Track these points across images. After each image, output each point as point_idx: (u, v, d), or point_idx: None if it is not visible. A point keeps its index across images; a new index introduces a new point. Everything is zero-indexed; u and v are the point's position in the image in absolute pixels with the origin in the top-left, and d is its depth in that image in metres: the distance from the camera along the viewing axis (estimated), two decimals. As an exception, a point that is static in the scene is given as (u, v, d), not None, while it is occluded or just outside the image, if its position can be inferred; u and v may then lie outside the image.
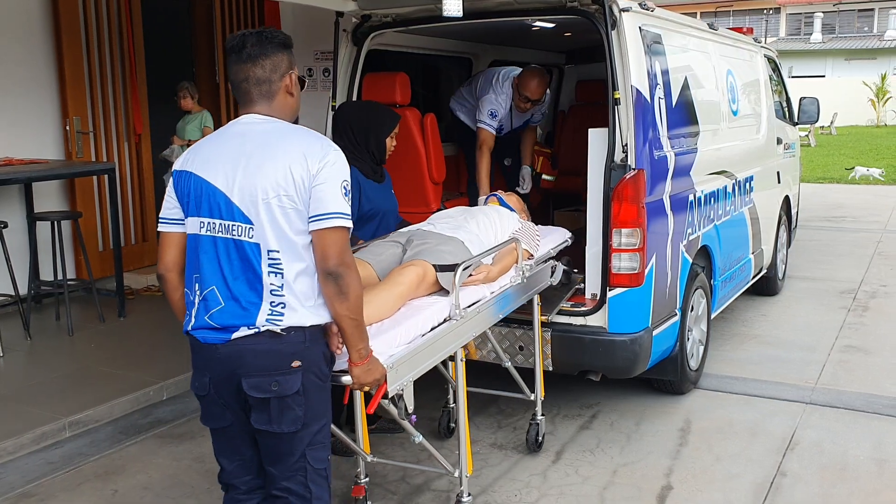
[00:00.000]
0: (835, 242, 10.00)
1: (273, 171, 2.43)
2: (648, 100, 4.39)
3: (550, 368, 4.47)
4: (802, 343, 6.13)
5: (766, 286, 7.30)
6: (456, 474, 3.52)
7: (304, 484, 2.58)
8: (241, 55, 2.57)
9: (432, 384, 4.00)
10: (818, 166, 18.45)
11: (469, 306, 3.45)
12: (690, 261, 4.96)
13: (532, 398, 4.32)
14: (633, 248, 4.27)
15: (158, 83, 8.76)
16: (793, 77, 31.96)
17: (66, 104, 7.15)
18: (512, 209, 4.46)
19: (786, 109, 7.92)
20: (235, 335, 2.47)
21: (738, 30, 6.88)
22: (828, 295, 7.51)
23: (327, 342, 2.60)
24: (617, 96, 4.22)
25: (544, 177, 6.59)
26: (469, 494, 3.54)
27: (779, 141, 7.28)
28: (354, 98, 5.10)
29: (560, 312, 4.45)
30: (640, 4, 4.49)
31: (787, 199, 7.64)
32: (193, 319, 2.56)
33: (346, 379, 2.65)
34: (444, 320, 3.26)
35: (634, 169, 4.25)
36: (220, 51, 8.67)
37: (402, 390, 2.93)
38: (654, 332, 4.48)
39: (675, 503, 3.85)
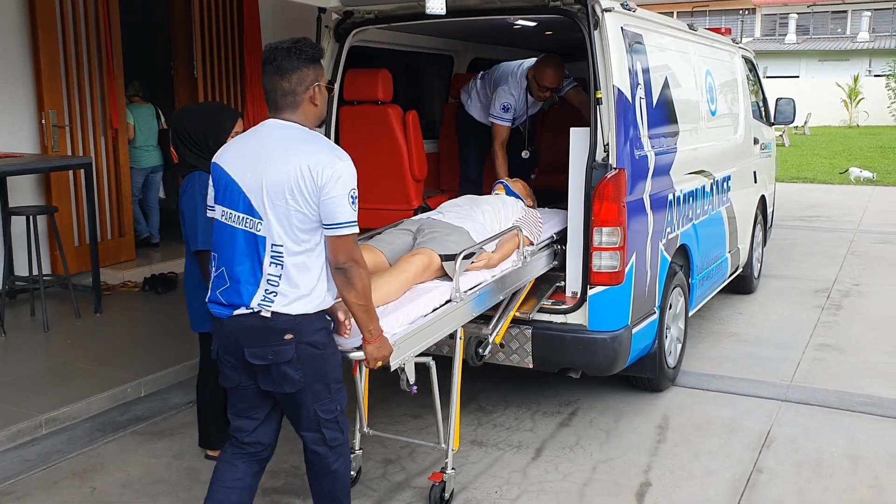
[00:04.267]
0: (809, 242, 10.13)
1: (284, 176, 2.75)
2: (630, 99, 4.43)
3: (531, 366, 4.50)
4: (778, 341, 6.21)
5: (742, 285, 7.39)
6: (443, 446, 3.79)
7: (319, 431, 3.02)
8: (271, 67, 2.88)
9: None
10: (792, 166, 18.66)
11: (470, 289, 3.82)
12: (669, 259, 5.01)
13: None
14: (614, 246, 4.30)
15: (136, 77, 8.70)
16: (767, 77, 32.27)
17: (41, 97, 7.06)
18: (518, 196, 4.87)
19: (762, 110, 8.00)
20: (236, 312, 2.85)
21: (717, 30, 6.95)
22: (802, 294, 7.61)
23: (334, 326, 2.99)
24: (599, 96, 4.24)
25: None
26: (453, 468, 3.79)
27: (756, 141, 7.37)
28: (336, 96, 5.08)
29: (541, 310, 4.48)
30: (621, 5, 4.51)
31: (763, 198, 7.73)
32: (209, 292, 2.96)
33: (357, 354, 3.01)
34: (446, 302, 3.64)
35: (615, 168, 4.28)
36: (198, 45, 8.60)
37: (405, 364, 3.31)
38: (634, 330, 4.52)
39: (653, 499, 3.89)
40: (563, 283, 4.59)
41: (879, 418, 4.80)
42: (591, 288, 4.35)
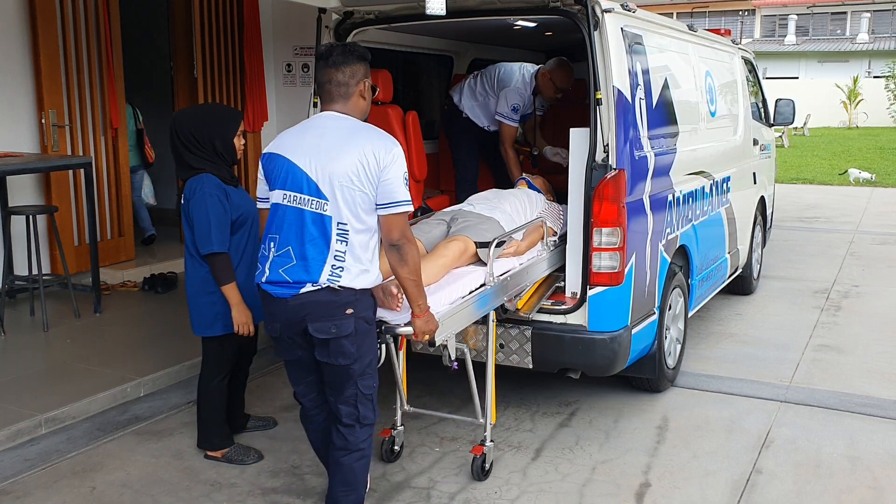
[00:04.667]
0: (808, 242, 10.14)
1: (348, 161, 3.07)
2: (629, 100, 4.43)
3: (530, 366, 4.50)
4: (777, 342, 6.21)
5: (741, 285, 7.39)
6: (481, 421, 4.06)
7: (354, 405, 3.26)
8: (327, 61, 3.22)
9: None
10: (792, 167, 18.67)
11: (501, 275, 4.12)
12: (669, 260, 5.01)
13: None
14: (614, 247, 4.30)
15: (136, 77, 8.70)
16: (767, 78, 32.28)
17: (41, 97, 7.05)
18: (539, 191, 5.17)
19: (762, 111, 8.01)
20: (302, 290, 3.12)
21: (716, 31, 6.95)
22: (801, 294, 7.61)
23: (385, 302, 3.30)
24: (599, 96, 4.25)
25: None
26: (492, 441, 4.08)
27: (755, 142, 7.37)
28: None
29: (540, 310, 4.48)
30: (621, 5, 4.52)
31: (762, 199, 7.73)
32: (267, 272, 3.19)
33: (406, 329, 3.29)
34: (481, 286, 3.92)
35: (615, 169, 4.28)
36: (198, 45, 8.59)
37: (447, 341, 3.60)
38: (633, 331, 4.52)
39: (653, 500, 3.89)
40: (562, 283, 4.59)
41: (879, 419, 4.80)
42: (590, 288, 4.35)
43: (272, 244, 3.20)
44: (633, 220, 4.44)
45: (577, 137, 4.45)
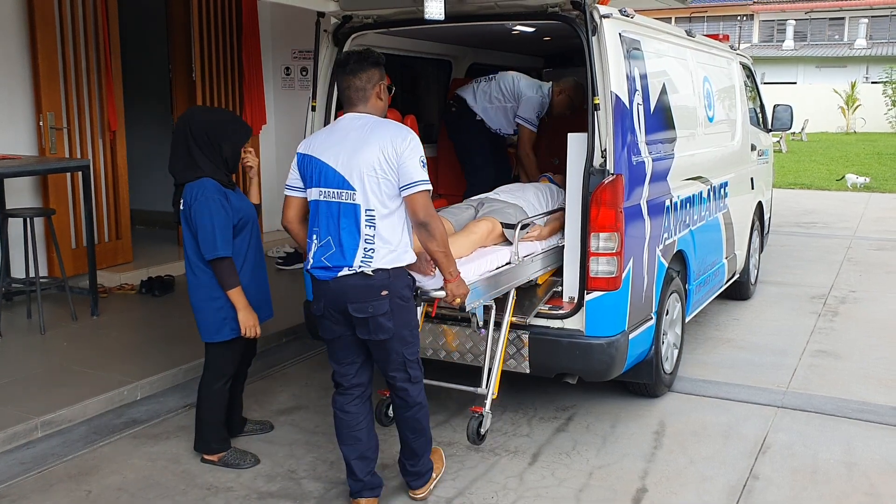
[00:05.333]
0: (805, 248, 10.15)
1: (370, 153, 3.42)
2: (627, 105, 4.43)
3: (527, 371, 4.50)
4: (774, 347, 6.21)
5: (738, 291, 7.39)
6: (479, 391, 4.22)
7: (405, 370, 3.65)
8: (345, 69, 3.58)
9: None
10: (790, 172, 18.69)
11: (525, 256, 4.45)
12: (666, 265, 5.01)
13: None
14: (611, 252, 4.30)
15: (134, 80, 8.70)
16: (765, 83, 32.37)
17: (39, 99, 7.05)
18: (560, 186, 5.30)
19: (760, 116, 8.02)
20: (340, 274, 3.47)
21: (715, 36, 6.97)
22: (799, 300, 7.62)
23: (420, 268, 3.67)
24: (596, 102, 4.25)
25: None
26: (489, 410, 4.20)
27: (753, 147, 7.38)
28: (335, 99, 5.08)
29: (538, 315, 4.48)
30: (620, 11, 4.52)
31: (760, 204, 7.74)
32: (312, 261, 3.57)
33: (439, 293, 3.70)
34: (506, 264, 4.30)
35: (613, 174, 4.29)
36: (196, 48, 8.60)
37: (475, 311, 3.98)
38: (631, 336, 4.52)
39: (649, 505, 3.89)
40: (560, 287, 4.59)
41: (876, 425, 4.80)
42: (588, 293, 4.35)
43: (315, 237, 3.58)
44: (631, 225, 4.44)
45: (575, 142, 4.46)
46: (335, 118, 5.14)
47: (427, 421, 3.82)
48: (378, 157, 3.42)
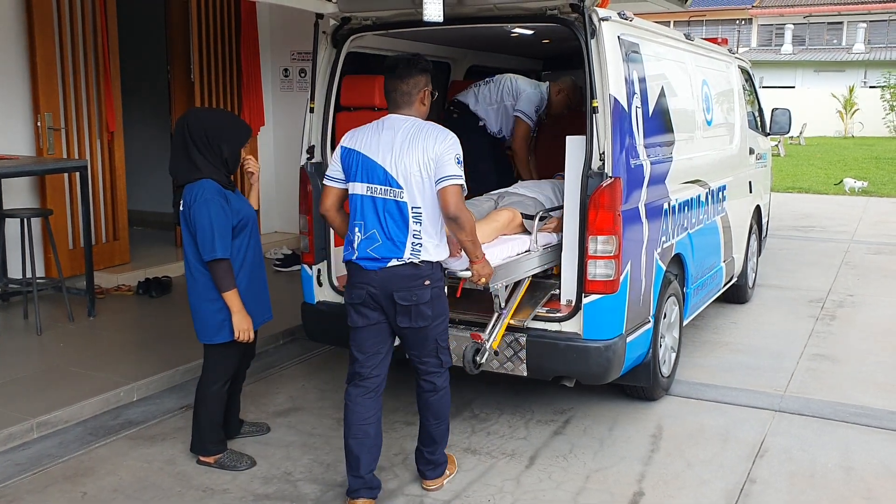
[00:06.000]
0: (803, 251, 10.15)
1: (416, 154, 3.64)
2: (626, 108, 4.43)
3: (525, 374, 4.49)
4: (772, 351, 6.21)
5: (736, 294, 7.39)
6: (486, 337, 4.34)
7: (437, 356, 3.87)
8: (394, 73, 3.76)
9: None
10: (788, 176, 18.71)
11: (543, 245, 4.68)
12: (664, 268, 5.01)
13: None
14: (609, 255, 4.30)
15: (132, 81, 8.69)
16: (763, 87, 32.37)
17: (37, 100, 7.04)
18: None
19: (758, 120, 8.02)
20: (389, 264, 3.68)
21: (713, 40, 6.96)
22: (796, 303, 7.62)
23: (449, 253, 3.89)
24: (595, 104, 4.25)
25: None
26: (486, 353, 4.32)
27: (751, 151, 7.38)
28: (333, 101, 5.08)
29: (535, 318, 4.47)
30: (618, 14, 4.52)
31: (758, 208, 7.74)
32: (356, 252, 3.74)
33: (466, 273, 3.94)
34: (525, 251, 4.56)
35: (611, 177, 4.28)
36: (195, 49, 8.59)
37: (498, 291, 4.27)
38: (628, 339, 4.51)
39: (646, 509, 3.88)
40: (558, 290, 4.59)
41: (873, 429, 4.80)
42: (585, 296, 4.35)
43: (358, 229, 3.75)
44: (629, 229, 4.44)
45: (574, 145, 4.45)
46: (334, 120, 5.18)
47: (448, 408, 3.99)
48: (423, 159, 3.63)
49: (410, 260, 3.68)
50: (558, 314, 4.47)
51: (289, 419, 4.88)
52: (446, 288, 3.96)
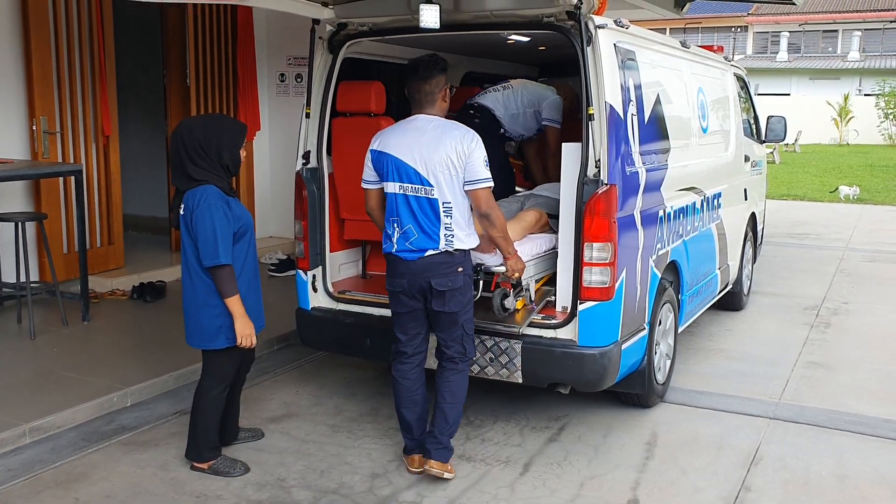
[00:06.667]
0: (798, 259, 10.16)
1: (444, 153, 3.91)
2: (621, 116, 4.44)
3: (520, 381, 4.48)
4: (767, 358, 6.21)
5: (731, 301, 7.40)
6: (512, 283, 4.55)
7: (461, 343, 4.13)
8: (416, 74, 4.01)
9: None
10: (783, 183, 18.75)
11: None
12: (659, 275, 5.01)
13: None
14: (604, 262, 4.30)
15: (128, 85, 8.68)
16: (759, 94, 32.44)
17: (33, 103, 7.03)
18: None
19: (753, 127, 8.04)
20: (427, 254, 3.98)
21: (709, 47, 6.98)
22: (791, 311, 7.62)
23: (480, 249, 4.23)
24: (591, 112, 4.25)
25: (517, 189, 6.62)
26: (512, 301, 4.57)
27: (746, 158, 7.40)
28: (329, 106, 5.07)
29: (531, 325, 4.47)
30: (615, 21, 4.53)
31: (753, 215, 7.75)
32: (395, 245, 4.04)
33: (500, 268, 4.32)
34: (552, 249, 4.80)
35: (607, 184, 4.28)
36: (191, 54, 8.59)
37: (528, 287, 4.64)
38: (623, 346, 4.51)
39: (641, 517, 3.88)
40: (553, 297, 4.58)
41: (868, 437, 4.80)
42: (581, 303, 4.35)
43: (395, 225, 4.03)
44: (624, 236, 4.44)
45: (569, 152, 4.46)
46: (330, 125, 5.18)
47: (465, 393, 4.20)
48: (451, 157, 3.89)
49: (446, 249, 3.97)
50: (554, 321, 4.47)
51: (282, 425, 4.87)
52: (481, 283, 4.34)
